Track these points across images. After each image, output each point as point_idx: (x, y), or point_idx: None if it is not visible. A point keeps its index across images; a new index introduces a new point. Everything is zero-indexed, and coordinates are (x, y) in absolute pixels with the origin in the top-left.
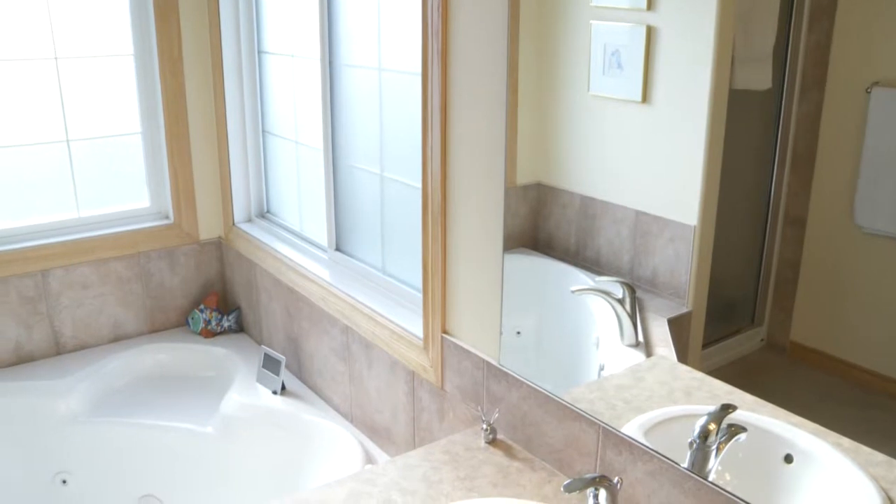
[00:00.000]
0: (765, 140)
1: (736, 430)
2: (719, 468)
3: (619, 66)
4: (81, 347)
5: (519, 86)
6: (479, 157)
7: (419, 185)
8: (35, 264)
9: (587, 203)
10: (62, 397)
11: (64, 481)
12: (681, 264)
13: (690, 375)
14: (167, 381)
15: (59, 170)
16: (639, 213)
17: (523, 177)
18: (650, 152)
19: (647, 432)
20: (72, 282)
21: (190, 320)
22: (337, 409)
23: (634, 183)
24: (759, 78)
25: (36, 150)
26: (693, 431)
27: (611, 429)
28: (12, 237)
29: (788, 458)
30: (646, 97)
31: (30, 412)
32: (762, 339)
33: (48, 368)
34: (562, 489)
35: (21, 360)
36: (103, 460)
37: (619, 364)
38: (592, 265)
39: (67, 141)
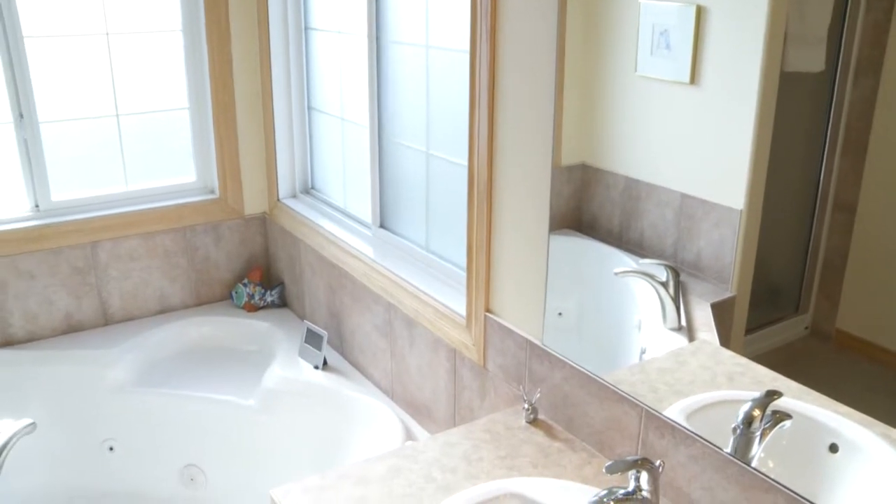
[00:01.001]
0: (816, 124)
1: (780, 416)
2: (762, 455)
3: (668, 46)
4: (128, 318)
5: (565, 65)
6: (527, 136)
7: (465, 162)
8: (85, 236)
9: (632, 185)
10: (110, 367)
11: (111, 448)
12: (726, 249)
13: (734, 361)
14: (211, 353)
15: (109, 144)
16: (684, 196)
17: (568, 157)
18: (697, 135)
19: (690, 416)
20: (120, 254)
21: (234, 294)
22: (378, 386)
23: (680, 165)
24: (813, 59)
25: (87, 124)
26: (737, 417)
27: (654, 411)
28: (64, 209)
29: (833, 448)
30: (694, 78)
31: (79, 380)
32: (806, 327)
33: (96, 338)
34: (604, 470)
35: (71, 329)
36: (148, 429)
37: (660, 348)
38: (636, 247)
39: (117, 115)
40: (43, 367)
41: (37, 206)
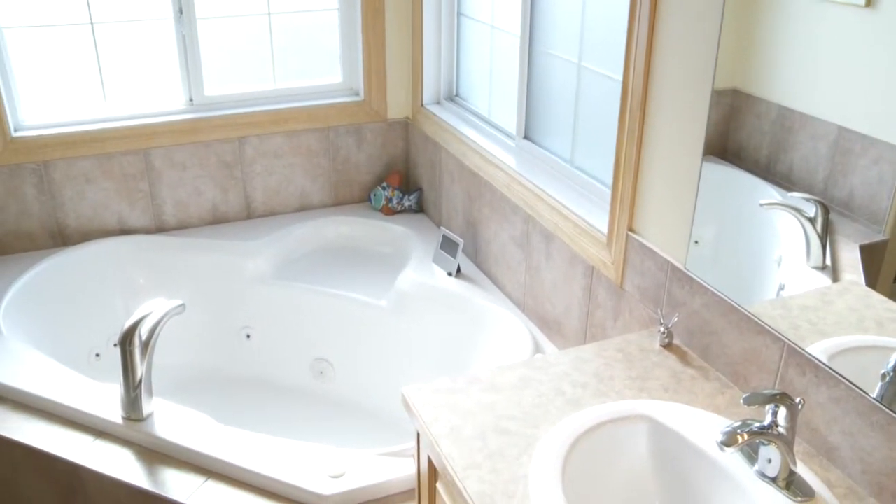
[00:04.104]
0: None
1: None
2: None
3: None
4: (270, 214)
5: None
6: (688, 53)
7: (618, 77)
8: (234, 131)
9: (785, 114)
10: (251, 258)
11: (248, 336)
12: (883, 188)
13: (885, 306)
14: (347, 252)
15: (260, 42)
16: (842, 130)
17: (718, 81)
18: (866, 64)
19: (832, 358)
20: (265, 150)
21: (372, 197)
22: (509, 297)
23: (842, 96)
24: None
25: (240, 21)
26: (887, 363)
27: (797, 347)
28: (216, 104)
29: None
30: (871, 0)
31: (222, 269)
32: None
33: (239, 230)
34: (741, 401)
35: (216, 220)
36: (283, 321)
37: (801, 285)
38: (783, 180)
39: (269, 14)
40: (190, 254)
41: (191, 100)
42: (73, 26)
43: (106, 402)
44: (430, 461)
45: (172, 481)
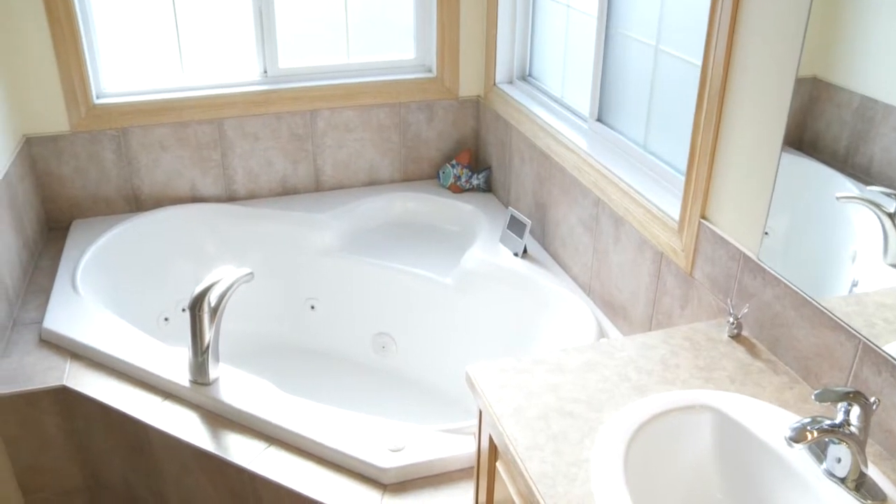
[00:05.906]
0: None
1: None
2: None
3: None
4: (338, 187)
5: None
6: (773, 39)
7: (697, 62)
8: (306, 104)
9: (867, 105)
10: (318, 230)
11: (312, 307)
12: None
13: None
14: (413, 229)
15: (334, 16)
16: None
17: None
18: None
19: None
20: (337, 124)
21: (441, 174)
22: (575, 280)
23: None
24: None
25: None
26: None
27: (873, 345)
28: (289, 77)
29: None
30: None
31: (290, 240)
32: None
33: (308, 202)
34: (812, 397)
35: (286, 191)
36: (348, 294)
37: (876, 282)
38: (861, 173)
39: None
40: (259, 224)
41: (265, 71)
42: None
43: (174, 366)
44: (491, 440)
45: (235, 445)
